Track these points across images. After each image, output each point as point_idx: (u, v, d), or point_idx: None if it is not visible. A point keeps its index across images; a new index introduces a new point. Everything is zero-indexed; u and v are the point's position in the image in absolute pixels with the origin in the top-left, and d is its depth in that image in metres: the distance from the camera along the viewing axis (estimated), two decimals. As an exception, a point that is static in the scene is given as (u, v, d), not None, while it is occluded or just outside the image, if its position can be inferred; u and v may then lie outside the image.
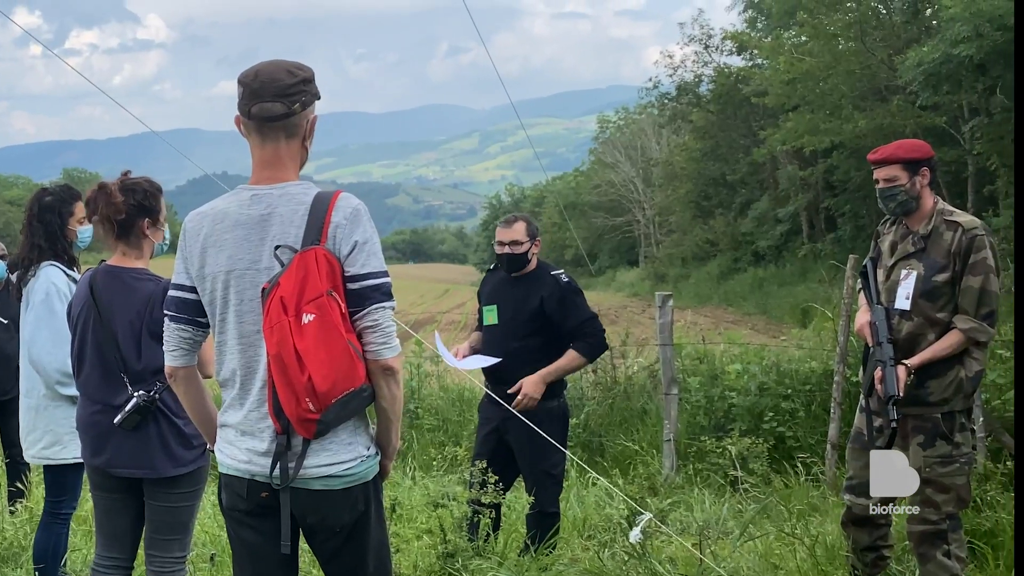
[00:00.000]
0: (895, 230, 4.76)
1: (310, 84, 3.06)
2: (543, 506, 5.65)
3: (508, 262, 5.71)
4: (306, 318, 2.80)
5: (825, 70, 28.32)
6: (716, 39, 44.81)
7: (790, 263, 35.65)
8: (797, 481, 7.17)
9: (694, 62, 46.38)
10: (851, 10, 28.76)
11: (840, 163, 32.32)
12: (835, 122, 27.83)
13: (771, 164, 39.48)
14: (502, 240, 5.69)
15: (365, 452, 3.02)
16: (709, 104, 44.91)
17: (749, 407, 8.45)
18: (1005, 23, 19.48)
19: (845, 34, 28.63)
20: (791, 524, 5.93)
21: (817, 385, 8.42)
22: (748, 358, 9.70)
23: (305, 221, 2.94)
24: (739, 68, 41.92)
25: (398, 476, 7.99)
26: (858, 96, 28.48)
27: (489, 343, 5.73)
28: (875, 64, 27.96)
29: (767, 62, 34.88)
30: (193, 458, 4.08)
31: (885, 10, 29.47)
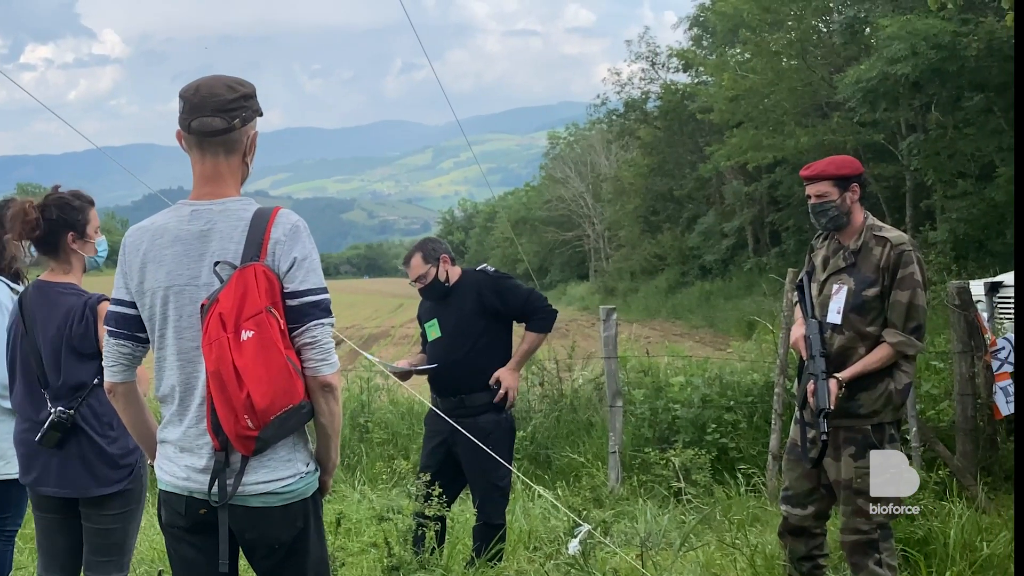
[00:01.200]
0: (827, 245, 4.79)
1: (251, 100, 3.04)
2: (489, 518, 5.66)
3: (426, 293, 5.82)
4: (245, 335, 2.78)
5: (768, 87, 28.59)
6: (663, 57, 45.20)
7: (736, 277, 35.87)
8: (738, 492, 7.21)
9: (641, 79, 46.72)
10: (792, 28, 29.04)
11: (783, 178, 32.59)
12: (778, 138, 28.07)
13: (717, 179, 39.74)
14: (411, 279, 5.82)
15: (304, 468, 3.00)
16: (656, 120, 45.15)
17: (692, 419, 8.49)
18: (939, 42, 19.78)
19: (787, 52, 28.92)
20: (732, 534, 5.97)
21: (759, 397, 8.48)
22: (691, 371, 9.76)
23: (245, 237, 2.92)
24: (685, 85, 42.27)
25: (346, 489, 7.95)
26: (800, 113, 28.77)
27: (437, 357, 5.71)
28: (816, 81, 28.26)
29: (712, 79, 35.18)
30: (119, 478, 4.01)
31: (825, 29, 29.81)
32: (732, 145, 29.75)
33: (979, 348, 7.19)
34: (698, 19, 40.46)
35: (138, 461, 4.06)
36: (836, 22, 28.57)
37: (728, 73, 30.29)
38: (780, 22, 28.93)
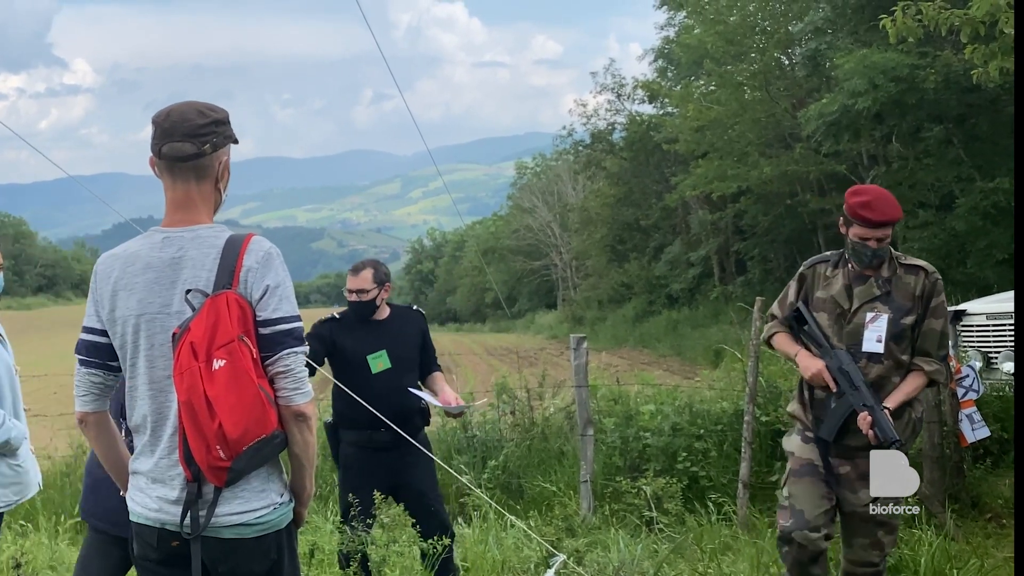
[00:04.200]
0: (843, 273, 4.68)
1: (223, 126, 3.01)
2: (446, 528, 5.74)
3: (358, 309, 5.77)
4: (217, 364, 2.74)
5: (732, 118, 28.74)
6: (628, 88, 45.30)
7: (702, 305, 35.93)
8: (709, 520, 7.18)
9: (607, 110, 46.85)
10: (756, 61, 29.26)
11: (748, 208, 32.77)
12: (742, 168, 28.20)
13: (683, 209, 39.91)
14: (351, 288, 5.78)
15: (278, 499, 2.95)
16: (622, 151, 45.28)
17: (663, 447, 8.45)
18: (898, 75, 19.98)
19: (750, 84, 29.12)
20: (704, 564, 5.95)
21: (728, 425, 8.45)
22: (661, 399, 9.73)
23: (217, 264, 2.89)
24: (650, 116, 42.43)
25: (319, 520, 7.87)
26: (764, 143, 28.93)
27: (379, 388, 5.62)
28: (779, 113, 28.47)
29: (677, 110, 35.34)
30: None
31: (788, 61, 30.07)
32: (697, 175, 29.86)
33: (945, 376, 7.22)
34: (663, 51, 40.72)
35: None
36: (798, 55, 28.85)
37: (693, 104, 30.46)
38: (743, 54, 29.16)
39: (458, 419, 6.11)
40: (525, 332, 51.40)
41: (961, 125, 21.79)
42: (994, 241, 20.19)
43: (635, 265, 44.90)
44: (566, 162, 58.14)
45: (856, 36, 23.57)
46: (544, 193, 62.28)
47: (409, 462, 5.61)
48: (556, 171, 61.89)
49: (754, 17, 29.42)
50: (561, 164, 60.31)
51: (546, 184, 63.30)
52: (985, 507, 7.21)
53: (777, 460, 7.90)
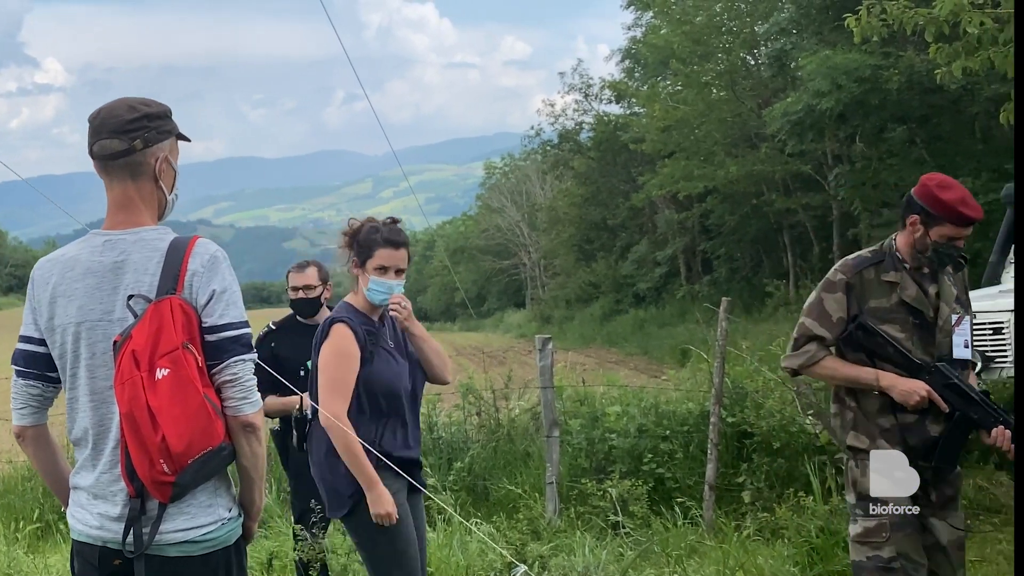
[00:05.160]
0: (906, 275, 4.09)
1: (156, 120, 2.85)
2: None
3: (303, 306, 5.73)
4: (160, 373, 2.60)
5: (698, 118, 28.79)
6: (595, 88, 45.28)
7: (669, 304, 35.95)
8: (675, 524, 7.10)
9: (575, 110, 46.80)
10: (722, 61, 29.33)
11: (714, 207, 32.86)
12: (709, 168, 28.26)
13: (649, 209, 39.95)
14: (295, 285, 5.72)
15: (227, 515, 2.81)
16: (590, 151, 45.26)
17: (629, 449, 8.36)
18: (861, 75, 20.03)
19: (716, 84, 29.20)
20: (670, 568, 5.87)
21: (694, 426, 8.37)
22: (627, 400, 9.65)
23: (160, 269, 2.74)
24: (617, 116, 42.45)
25: (281, 525, 7.73)
26: (730, 143, 29.00)
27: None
28: (745, 113, 28.54)
29: (644, 110, 35.36)
30: None
31: (753, 61, 30.14)
32: (664, 175, 29.89)
33: (909, 377, 7.17)
34: (630, 51, 40.69)
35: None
36: (763, 55, 28.92)
37: (659, 104, 30.51)
38: (710, 54, 29.21)
39: None
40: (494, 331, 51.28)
41: (924, 125, 21.89)
42: (957, 240, 20.25)
43: (602, 264, 44.92)
44: (534, 162, 58.10)
45: (820, 37, 23.63)
46: (513, 193, 62.25)
47: None
48: (525, 171, 61.85)
49: (720, 17, 29.47)
50: (529, 164, 60.28)
51: (515, 184, 63.27)
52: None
53: (743, 462, 7.85)
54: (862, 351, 4.04)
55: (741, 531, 6.47)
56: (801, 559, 5.48)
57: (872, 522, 4.02)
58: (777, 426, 7.74)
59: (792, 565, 5.48)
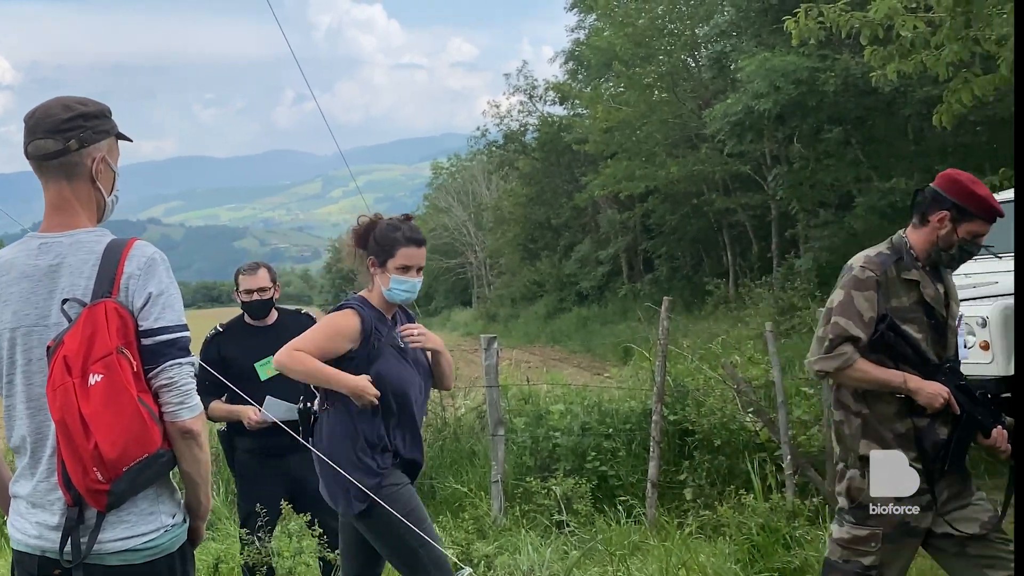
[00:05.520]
0: (924, 274, 3.93)
1: (93, 120, 2.74)
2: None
3: (257, 308, 5.64)
4: (93, 379, 2.49)
5: (640, 119, 28.83)
6: (540, 90, 45.28)
7: (611, 303, 36.00)
8: (618, 521, 7.06)
9: (520, 112, 46.73)
10: (663, 63, 29.42)
11: (656, 207, 32.95)
12: (650, 168, 28.31)
13: (592, 208, 39.98)
14: (249, 288, 5.63)
15: (170, 521, 2.70)
16: (534, 151, 45.22)
17: (573, 447, 8.33)
18: (799, 77, 20.16)
19: (658, 85, 29.25)
20: (614, 567, 5.82)
21: (636, 424, 8.37)
22: (571, 398, 9.62)
23: (96, 272, 2.63)
24: (561, 117, 42.39)
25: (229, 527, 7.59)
26: (671, 144, 29.07)
27: (272, 394, 5.41)
28: (686, 114, 28.64)
29: (587, 111, 35.40)
30: None
31: (694, 63, 30.26)
32: (606, 175, 29.91)
33: (846, 374, 7.19)
34: (573, 53, 40.73)
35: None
36: (704, 57, 29.04)
37: (602, 105, 30.54)
38: (651, 56, 29.27)
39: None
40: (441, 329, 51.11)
41: (859, 127, 22.07)
42: (892, 240, 20.43)
43: (546, 263, 44.94)
44: (480, 162, 58.03)
45: (759, 39, 23.75)
46: (459, 193, 62.12)
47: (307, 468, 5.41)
48: (471, 171, 61.76)
49: (662, 20, 29.56)
50: (476, 164, 60.20)
51: (461, 184, 63.16)
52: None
53: (685, 460, 7.84)
54: (884, 352, 3.84)
55: (683, 529, 6.45)
56: (742, 556, 5.46)
57: (864, 531, 3.86)
58: (718, 424, 7.75)
59: (734, 563, 5.45)
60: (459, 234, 60.97)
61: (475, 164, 60.63)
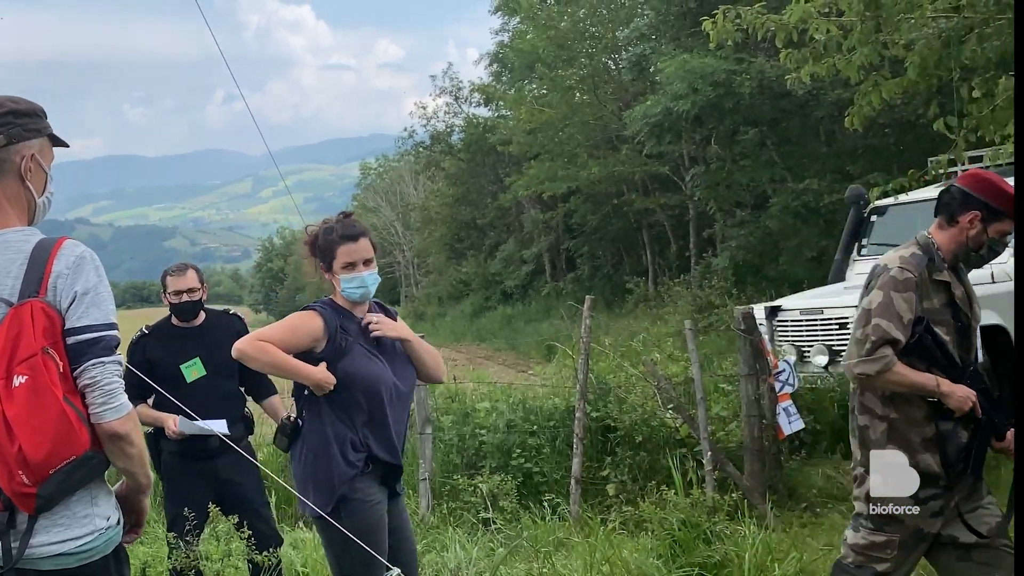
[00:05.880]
0: (951, 275, 3.84)
1: (24, 118, 2.66)
2: (275, 538, 5.57)
3: (186, 309, 5.52)
4: (17, 380, 2.40)
5: (562, 121, 28.86)
6: (465, 91, 45.22)
7: (535, 301, 36.06)
8: (543, 518, 7.03)
9: (446, 113, 46.65)
10: (585, 65, 29.49)
11: (577, 207, 33.05)
12: (572, 169, 28.36)
13: (516, 208, 40.00)
14: (178, 289, 5.50)
15: (103, 524, 2.61)
16: (460, 152, 45.12)
17: (498, 444, 8.31)
18: (716, 80, 20.33)
19: (580, 87, 29.31)
20: (539, 563, 5.78)
21: (560, 421, 8.36)
22: (496, 396, 9.59)
23: (23, 271, 2.54)
24: (486, 118, 42.35)
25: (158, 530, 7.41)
26: (592, 145, 29.15)
27: (197, 396, 5.29)
28: (607, 115, 28.73)
29: (511, 113, 35.37)
30: None
31: (615, 66, 30.38)
32: (530, 176, 29.93)
33: (763, 371, 7.26)
34: (498, 55, 40.68)
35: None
36: (624, 59, 29.17)
37: (525, 107, 30.54)
38: (573, 59, 29.34)
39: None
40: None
41: (774, 128, 22.30)
42: (804, 240, 20.67)
43: (472, 262, 44.89)
44: (408, 163, 57.81)
45: (678, 42, 23.89)
46: (388, 193, 61.83)
47: (234, 470, 5.32)
48: (399, 171, 61.51)
49: (584, 23, 29.64)
50: (403, 165, 59.99)
51: (389, 184, 62.88)
52: (800, 497, 7.29)
53: (607, 456, 7.84)
54: (917, 355, 3.71)
55: (607, 524, 6.43)
56: (664, 552, 5.45)
57: (881, 537, 3.77)
58: (639, 420, 7.76)
59: (655, 558, 5.44)
60: (387, 234, 60.66)
61: (403, 164, 60.41)
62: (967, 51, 6.83)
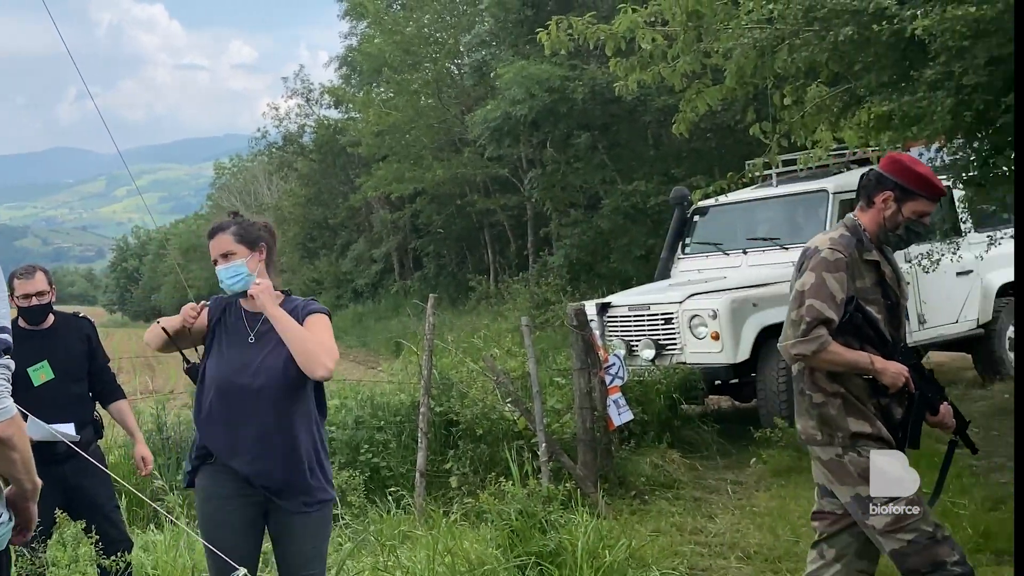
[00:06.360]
0: (882, 256, 3.79)
1: None
2: (123, 537, 5.37)
3: (36, 313, 5.24)
4: None
5: (408, 123, 28.68)
6: (316, 93, 44.46)
7: (385, 299, 35.79)
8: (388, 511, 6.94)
9: (297, 114, 45.78)
10: (429, 70, 29.39)
11: (423, 208, 32.94)
12: (418, 171, 28.23)
13: (366, 208, 39.59)
14: (26, 292, 5.20)
15: None
16: (311, 153, 44.36)
17: (347, 440, 8.17)
18: (551, 86, 20.51)
19: (425, 91, 29.20)
20: (384, 556, 5.70)
21: (406, 416, 8.29)
22: (345, 393, 9.44)
23: None
24: (336, 120, 41.75)
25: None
26: (437, 148, 29.06)
27: (45, 400, 5.04)
28: (450, 119, 28.69)
29: (360, 115, 34.95)
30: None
31: (457, 71, 30.36)
32: (378, 177, 29.66)
33: (594, 365, 7.32)
34: (347, 59, 40.12)
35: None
36: (466, 65, 29.18)
37: (373, 110, 30.22)
38: (419, 63, 29.20)
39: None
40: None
41: (605, 133, 22.59)
42: (634, 238, 20.97)
43: (324, 262, 44.36)
44: (261, 163, 56.50)
45: (516, 49, 23.95)
46: (242, 193, 60.29)
47: (82, 474, 5.07)
48: (252, 172, 60.06)
49: (428, 28, 29.54)
50: (257, 165, 58.60)
51: (243, 184, 61.35)
52: (630, 485, 7.40)
53: (451, 449, 7.79)
54: (851, 334, 3.65)
55: (449, 516, 6.38)
56: (503, 541, 5.43)
57: (900, 506, 3.59)
58: (480, 414, 7.75)
59: (495, 547, 5.42)
60: (241, 233, 59.26)
61: (256, 165, 59.04)
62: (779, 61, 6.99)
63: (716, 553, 6.11)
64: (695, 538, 6.43)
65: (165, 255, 70.05)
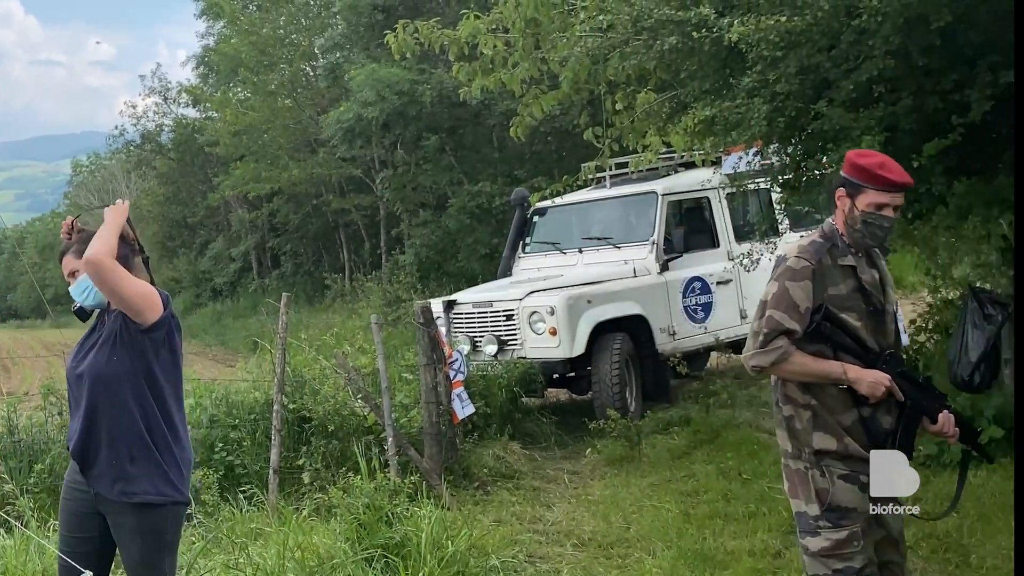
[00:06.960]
0: (860, 259, 3.46)
1: None
2: None
3: None
4: None
5: (265, 124, 28.13)
6: (174, 92, 42.95)
7: (243, 297, 34.89)
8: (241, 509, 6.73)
9: (155, 113, 44.09)
10: (285, 71, 28.85)
11: (280, 207, 32.37)
12: (275, 171, 27.68)
13: (224, 208, 38.54)
14: None
15: None
16: (170, 152, 42.91)
17: (202, 439, 7.89)
18: (401, 89, 20.38)
19: (281, 92, 28.69)
20: (236, 554, 5.53)
21: (260, 414, 8.06)
22: (200, 392, 9.13)
23: None
24: (194, 120, 40.45)
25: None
26: (293, 148, 28.58)
27: None
28: (305, 120, 28.24)
29: (218, 115, 33.98)
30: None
31: (312, 73, 29.88)
32: (236, 176, 28.92)
33: (440, 361, 7.29)
34: (204, 58, 38.89)
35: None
36: (320, 67, 28.75)
37: (231, 110, 29.49)
38: (274, 64, 28.65)
39: None
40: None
41: (452, 135, 22.60)
42: (479, 238, 21.04)
43: (184, 260, 43.03)
44: (120, 161, 54.26)
45: (368, 52, 23.71)
46: (100, 191, 57.59)
47: None
48: (111, 170, 57.53)
49: (284, 30, 29.01)
50: (115, 163, 56.21)
51: (101, 182, 58.70)
52: (474, 477, 7.40)
53: (303, 445, 7.63)
54: (824, 343, 3.37)
55: (300, 512, 6.25)
56: (351, 535, 5.34)
57: (843, 533, 3.33)
58: (331, 410, 7.62)
59: (343, 541, 5.33)
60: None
61: (114, 163, 56.69)
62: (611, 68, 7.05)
63: (553, 541, 6.16)
64: (534, 527, 6.46)
65: (20, 254, 66.76)
